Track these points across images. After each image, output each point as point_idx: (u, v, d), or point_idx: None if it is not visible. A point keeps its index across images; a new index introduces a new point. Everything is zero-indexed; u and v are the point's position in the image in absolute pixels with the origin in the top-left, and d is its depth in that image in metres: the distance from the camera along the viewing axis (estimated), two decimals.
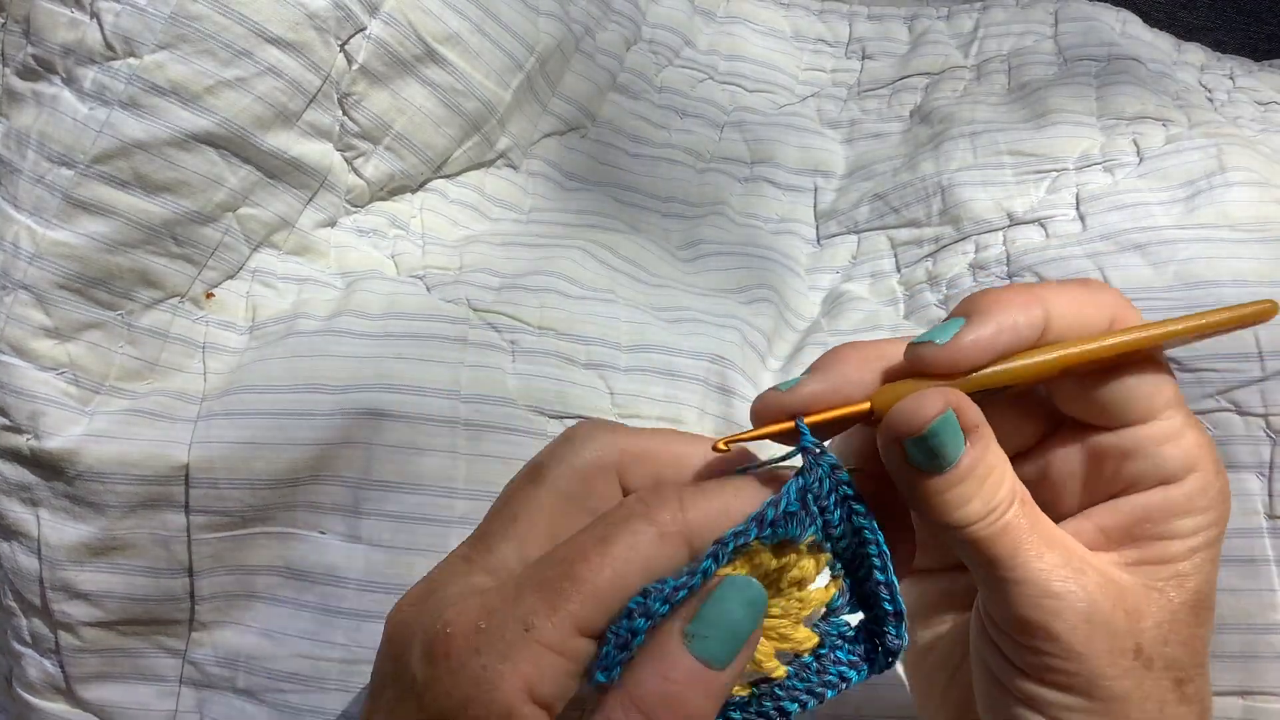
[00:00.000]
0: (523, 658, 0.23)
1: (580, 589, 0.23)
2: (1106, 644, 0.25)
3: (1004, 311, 0.26)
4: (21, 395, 0.34)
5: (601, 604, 0.23)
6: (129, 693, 0.36)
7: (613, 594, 0.23)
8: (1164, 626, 0.25)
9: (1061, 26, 0.51)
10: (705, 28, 0.53)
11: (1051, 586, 0.25)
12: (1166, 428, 0.27)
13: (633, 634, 0.23)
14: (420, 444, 0.35)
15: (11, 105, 0.36)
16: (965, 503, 0.25)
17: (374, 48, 0.39)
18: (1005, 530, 0.25)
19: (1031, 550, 0.25)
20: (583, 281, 0.40)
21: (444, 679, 0.23)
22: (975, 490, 0.25)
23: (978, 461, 0.25)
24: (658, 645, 0.23)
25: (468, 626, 0.23)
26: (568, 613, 0.23)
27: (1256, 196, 0.40)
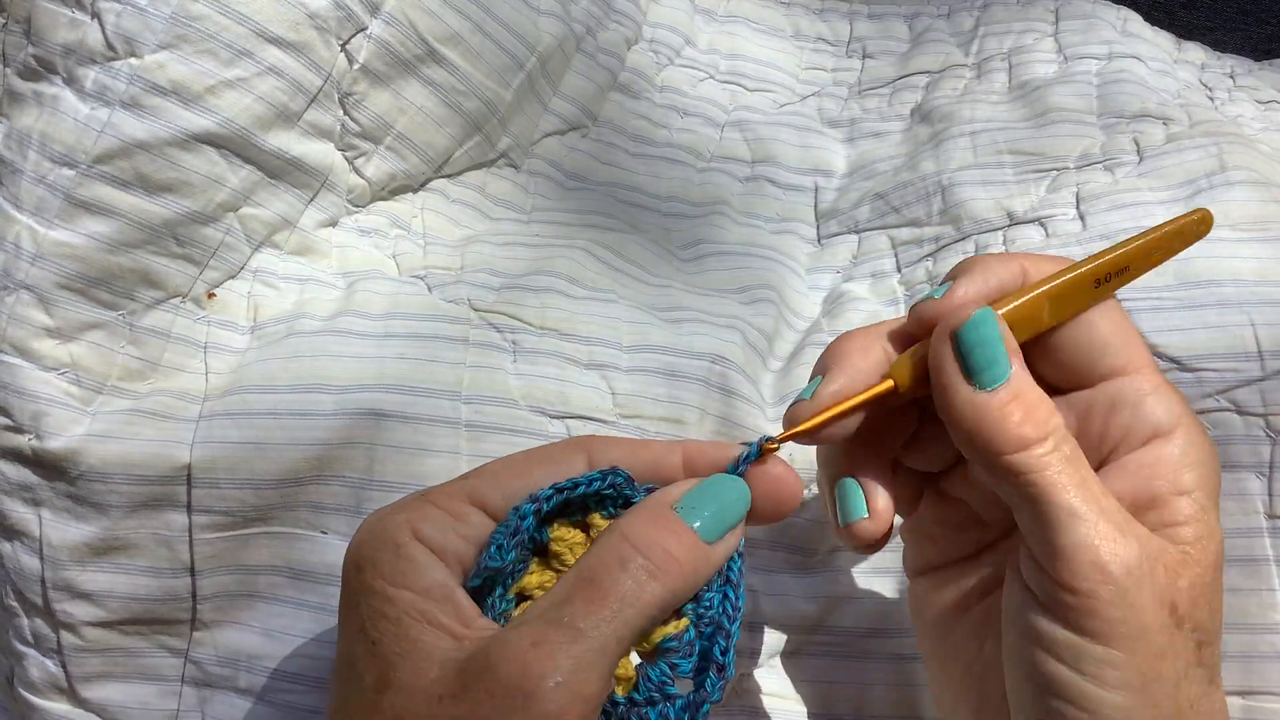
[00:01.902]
0: (413, 508, 0.25)
1: (484, 471, 0.27)
2: (1152, 593, 0.25)
3: (987, 266, 0.28)
4: (23, 395, 0.34)
5: (497, 483, 0.26)
6: (131, 692, 0.36)
7: (511, 477, 0.26)
8: (1195, 588, 0.26)
9: (1062, 25, 0.51)
10: (706, 27, 0.53)
11: (1107, 526, 0.25)
12: (1146, 383, 0.28)
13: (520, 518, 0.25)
14: (422, 444, 0.35)
15: (12, 105, 0.36)
16: (1023, 422, 0.26)
17: (375, 47, 0.39)
18: (1063, 463, 0.25)
19: (1087, 489, 0.25)
20: (584, 281, 0.40)
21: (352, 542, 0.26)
22: (1031, 410, 0.26)
23: (1027, 384, 0.26)
24: (650, 504, 0.26)
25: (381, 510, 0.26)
26: (464, 486, 0.26)
27: (1257, 196, 0.40)
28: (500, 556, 0.25)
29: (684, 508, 0.25)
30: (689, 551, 0.25)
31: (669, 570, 0.24)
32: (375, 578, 0.24)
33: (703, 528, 0.25)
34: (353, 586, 0.25)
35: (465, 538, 0.25)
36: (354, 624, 0.25)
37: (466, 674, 0.23)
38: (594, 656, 0.23)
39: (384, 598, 0.24)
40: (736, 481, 0.27)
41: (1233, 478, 0.35)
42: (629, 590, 0.24)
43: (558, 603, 0.24)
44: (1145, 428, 0.27)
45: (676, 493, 0.26)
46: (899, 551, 0.37)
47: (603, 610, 0.23)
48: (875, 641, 0.36)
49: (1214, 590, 0.26)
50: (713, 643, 0.25)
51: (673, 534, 0.25)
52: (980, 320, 0.26)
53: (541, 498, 0.25)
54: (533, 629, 0.23)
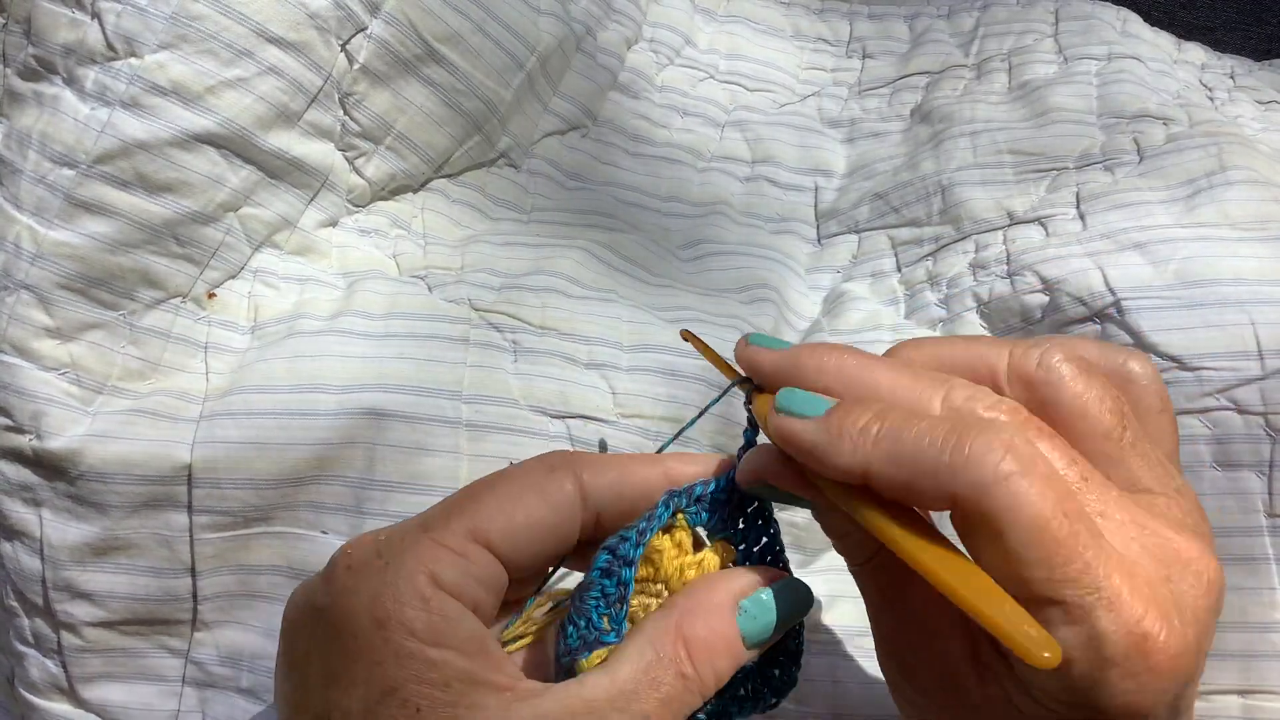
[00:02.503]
0: (423, 551, 0.23)
1: (476, 502, 0.25)
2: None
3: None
4: (24, 395, 0.34)
5: (498, 517, 0.24)
6: (131, 693, 0.36)
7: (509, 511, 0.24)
8: None
9: (1062, 25, 0.51)
10: (705, 27, 0.53)
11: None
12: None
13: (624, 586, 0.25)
14: (422, 444, 0.35)
15: (13, 106, 0.36)
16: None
17: (375, 47, 0.39)
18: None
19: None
20: (584, 281, 0.40)
21: (345, 582, 0.23)
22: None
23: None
24: (713, 601, 0.25)
25: (366, 543, 0.24)
26: (463, 521, 0.24)
27: (1257, 195, 0.40)
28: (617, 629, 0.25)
29: (745, 611, 0.25)
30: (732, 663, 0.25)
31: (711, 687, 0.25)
32: (408, 638, 0.22)
33: (752, 637, 0.25)
34: (374, 645, 0.23)
35: (475, 578, 0.24)
36: (373, 684, 0.23)
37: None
38: None
39: (425, 661, 0.22)
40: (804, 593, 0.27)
41: (1233, 476, 0.35)
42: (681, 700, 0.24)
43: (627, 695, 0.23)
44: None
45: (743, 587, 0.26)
46: None
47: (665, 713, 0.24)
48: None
49: None
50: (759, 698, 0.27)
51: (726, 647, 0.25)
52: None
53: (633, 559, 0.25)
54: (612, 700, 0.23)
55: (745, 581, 0.26)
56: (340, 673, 0.23)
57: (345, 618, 0.23)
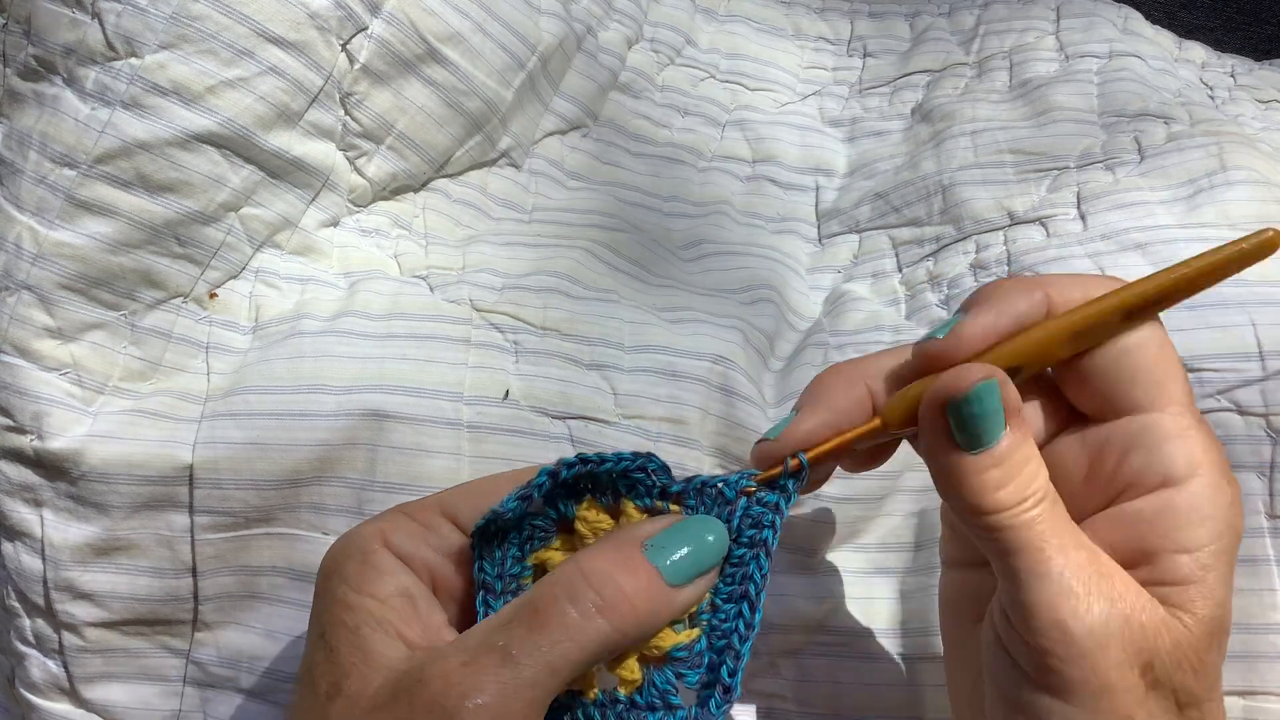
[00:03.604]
0: (386, 520, 0.26)
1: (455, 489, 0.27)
2: (1119, 655, 0.24)
3: (1004, 297, 0.26)
4: (25, 396, 0.34)
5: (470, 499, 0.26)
6: (132, 693, 0.36)
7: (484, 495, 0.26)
8: (1178, 650, 0.25)
9: (1063, 23, 0.51)
10: (706, 26, 0.53)
11: (1073, 585, 0.24)
12: (1171, 423, 0.26)
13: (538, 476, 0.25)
14: (424, 445, 0.35)
15: (13, 106, 0.36)
16: (1001, 486, 0.25)
17: (376, 47, 0.39)
18: (1034, 521, 0.25)
19: (1057, 545, 0.25)
20: (585, 282, 0.40)
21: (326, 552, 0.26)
22: (1012, 475, 0.25)
23: (1018, 445, 0.25)
24: (615, 538, 0.25)
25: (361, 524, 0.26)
26: (436, 499, 0.26)
27: (1257, 195, 0.40)
28: (504, 504, 0.25)
29: (654, 546, 0.25)
30: (646, 593, 0.24)
31: (619, 610, 0.23)
32: (340, 584, 0.25)
33: (670, 570, 0.25)
34: (320, 593, 0.25)
35: (435, 548, 0.25)
36: (316, 630, 0.25)
37: (399, 686, 0.23)
38: (521, 685, 0.22)
39: (345, 605, 0.24)
40: (716, 524, 0.26)
41: None
42: (572, 624, 0.23)
43: (500, 625, 0.23)
44: (1156, 474, 0.25)
45: (650, 529, 0.25)
46: (901, 552, 0.37)
47: (540, 639, 0.23)
48: (877, 642, 0.36)
49: (1203, 653, 0.25)
50: (722, 661, 0.25)
51: (632, 574, 0.24)
52: (976, 396, 0.25)
53: (564, 463, 0.25)
54: (468, 649, 0.23)
55: (653, 523, 0.26)
56: (310, 623, 0.26)
57: (319, 576, 0.26)
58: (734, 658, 0.25)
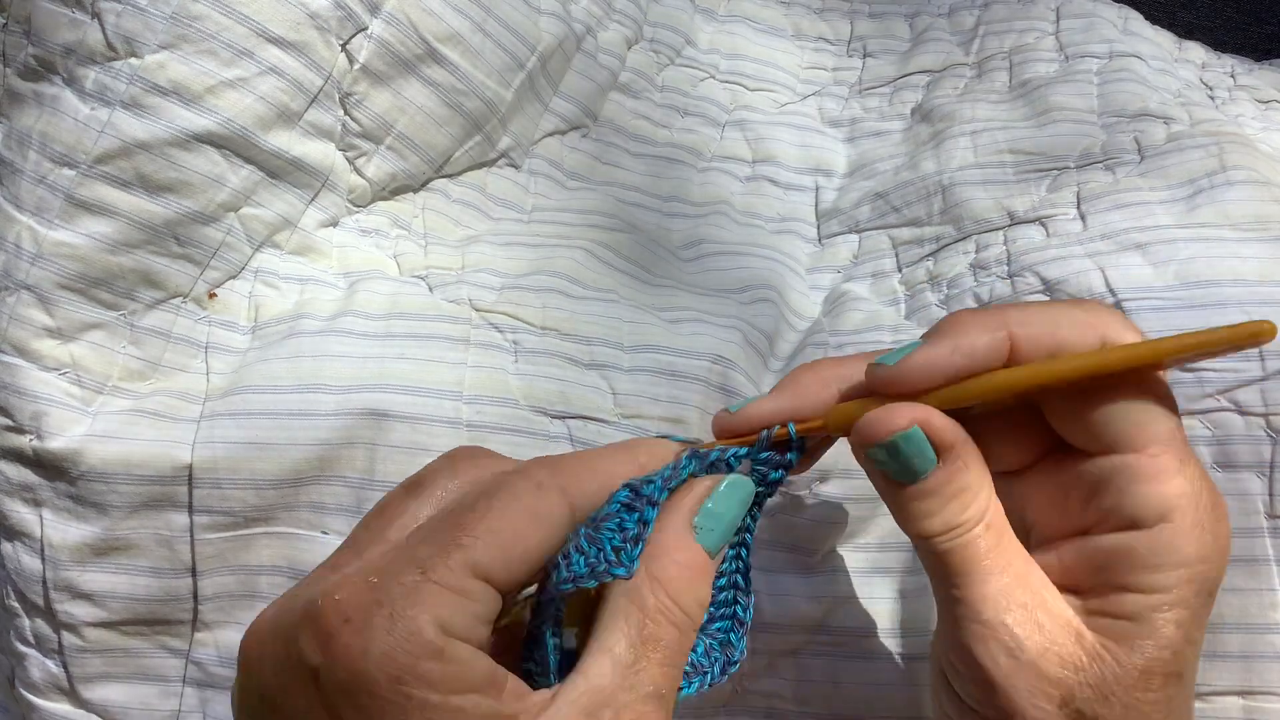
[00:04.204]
0: (429, 598, 0.22)
1: (472, 535, 0.23)
2: (1030, 684, 0.25)
3: (963, 333, 0.26)
4: (24, 395, 0.34)
5: (496, 550, 0.23)
6: (132, 693, 0.36)
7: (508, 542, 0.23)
8: (1105, 685, 0.25)
9: (1063, 23, 0.51)
10: (706, 26, 0.53)
11: (983, 613, 0.25)
12: (1147, 466, 0.25)
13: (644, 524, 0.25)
14: (423, 444, 0.35)
15: (13, 106, 0.36)
16: (927, 516, 0.26)
17: (375, 47, 0.39)
18: (958, 550, 0.26)
19: (979, 574, 0.25)
20: (585, 281, 0.40)
21: (349, 641, 0.22)
22: (939, 506, 0.26)
23: (947, 480, 0.26)
24: (673, 537, 0.25)
25: (358, 587, 0.23)
26: (462, 557, 0.23)
27: (1257, 195, 0.40)
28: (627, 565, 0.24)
29: (701, 529, 0.25)
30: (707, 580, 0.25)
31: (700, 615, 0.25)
32: (428, 691, 0.22)
33: (714, 545, 0.25)
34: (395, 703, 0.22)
35: (478, 617, 0.23)
36: None
37: None
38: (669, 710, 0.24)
39: (449, 709, 0.22)
40: (745, 485, 0.27)
41: (1233, 477, 0.35)
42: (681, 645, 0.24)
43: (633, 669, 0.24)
44: (1124, 515, 0.26)
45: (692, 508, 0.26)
46: (901, 552, 0.37)
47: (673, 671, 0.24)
48: (877, 642, 0.36)
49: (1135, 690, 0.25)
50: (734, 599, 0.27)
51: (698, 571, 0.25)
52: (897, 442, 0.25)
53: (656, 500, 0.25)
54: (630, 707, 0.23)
55: (691, 502, 0.26)
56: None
57: (357, 678, 0.22)
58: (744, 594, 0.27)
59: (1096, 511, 0.26)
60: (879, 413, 0.26)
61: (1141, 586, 0.25)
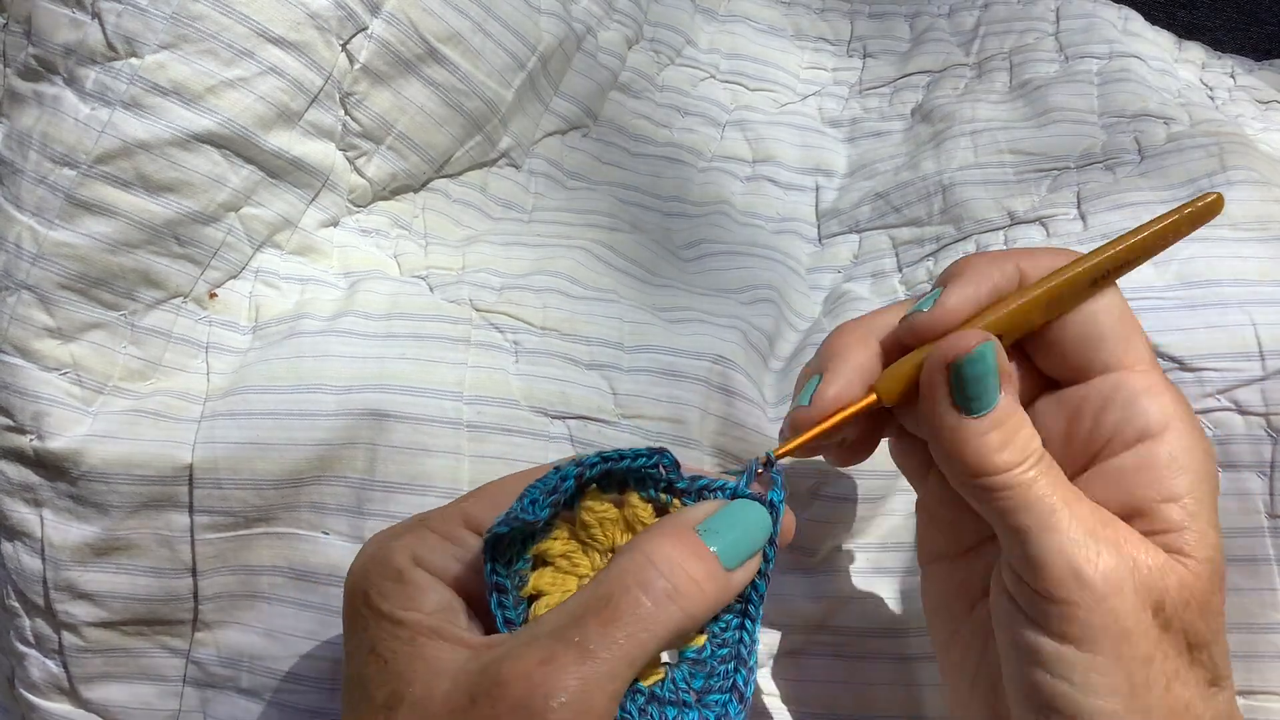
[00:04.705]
0: (412, 535, 0.26)
1: (474, 494, 0.27)
2: (1133, 598, 0.25)
3: (979, 270, 0.28)
4: (25, 395, 0.34)
5: (490, 505, 0.26)
6: (132, 693, 0.36)
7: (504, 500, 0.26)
8: (1183, 590, 0.25)
9: (1063, 24, 0.51)
10: (706, 26, 0.53)
11: (1082, 535, 0.25)
12: (1140, 380, 0.27)
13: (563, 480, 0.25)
14: (424, 445, 0.35)
15: (13, 106, 0.36)
16: (1003, 447, 0.26)
17: (376, 47, 0.39)
18: (1037, 479, 0.26)
19: (1061, 500, 0.26)
20: (585, 282, 0.40)
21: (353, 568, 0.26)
22: (1011, 436, 0.26)
23: (1013, 408, 0.26)
24: (674, 523, 0.26)
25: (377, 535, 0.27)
26: (458, 508, 0.26)
27: (1257, 195, 0.40)
28: (534, 511, 0.25)
29: (707, 530, 0.25)
30: (709, 576, 0.25)
31: (689, 594, 0.24)
32: (382, 602, 0.25)
33: (723, 553, 0.25)
34: (359, 612, 0.25)
35: (462, 561, 0.26)
36: (363, 646, 0.25)
37: (476, 688, 0.23)
38: (602, 679, 0.22)
39: (394, 620, 0.25)
40: (759, 509, 0.26)
41: (1234, 477, 0.35)
42: (646, 613, 0.23)
43: (572, 620, 0.23)
44: (1134, 428, 0.27)
45: (699, 514, 0.26)
46: (901, 552, 0.37)
47: (617, 633, 0.23)
48: (877, 641, 0.36)
49: (1208, 594, 0.26)
50: (734, 671, 0.26)
51: (696, 557, 0.25)
52: (979, 356, 0.26)
53: (586, 463, 0.25)
54: (544, 646, 0.23)
55: (704, 507, 0.26)
56: (348, 642, 0.26)
57: (349, 595, 0.26)
58: (744, 667, 0.26)
59: (1105, 432, 0.27)
60: (954, 335, 0.26)
61: (1170, 494, 0.26)
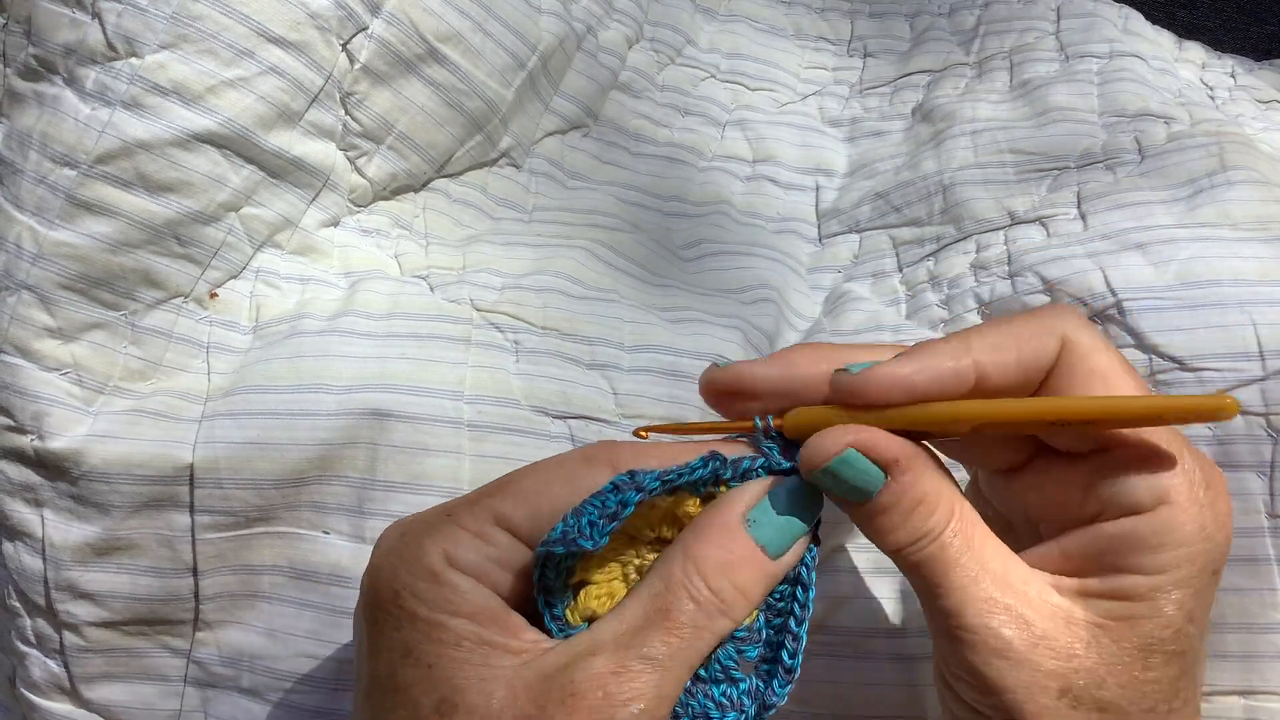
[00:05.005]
0: (442, 533, 0.25)
1: (502, 488, 0.26)
2: (1026, 682, 0.25)
3: (932, 355, 0.26)
4: (25, 396, 0.34)
5: (522, 503, 0.25)
6: (133, 692, 0.36)
7: (534, 496, 0.25)
8: (1102, 668, 0.25)
9: (1063, 23, 0.51)
10: (706, 26, 0.53)
11: (967, 620, 0.25)
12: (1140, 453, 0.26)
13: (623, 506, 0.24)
14: (424, 444, 0.35)
15: (13, 106, 0.36)
16: (890, 531, 0.26)
17: (376, 47, 0.39)
18: (930, 560, 0.26)
19: (955, 581, 0.25)
20: (586, 281, 0.40)
21: (375, 562, 0.25)
22: (900, 520, 0.26)
23: (900, 494, 0.26)
24: (719, 521, 0.25)
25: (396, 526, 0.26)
26: (487, 505, 0.25)
27: (1257, 195, 0.40)
28: (593, 535, 0.24)
29: (754, 521, 0.25)
30: (758, 578, 0.25)
31: (738, 606, 0.25)
32: (418, 605, 0.24)
33: (771, 543, 0.25)
34: (389, 612, 0.25)
35: (495, 560, 0.25)
36: (395, 648, 0.24)
37: (546, 695, 0.23)
38: (671, 687, 0.24)
39: (434, 624, 0.24)
40: (801, 486, 0.26)
41: (1234, 477, 0.35)
42: (701, 623, 0.24)
43: (634, 631, 0.24)
44: (1122, 503, 0.26)
45: (742, 505, 0.26)
46: None
47: (678, 642, 0.24)
48: (878, 642, 0.36)
49: (1135, 669, 0.25)
50: (780, 641, 0.26)
51: (743, 560, 0.25)
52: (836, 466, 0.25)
53: (646, 487, 0.25)
54: (614, 657, 0.23)
55: (748, 495, 0.26)
56: (374, 642, 0.25)
57: (374, 592, 0.25)
58: (794, 639, 0.26)
59: (1097, 502, 0.26)
60: (815, 439, 0.26)
61: (1144, 568, 0.25)
